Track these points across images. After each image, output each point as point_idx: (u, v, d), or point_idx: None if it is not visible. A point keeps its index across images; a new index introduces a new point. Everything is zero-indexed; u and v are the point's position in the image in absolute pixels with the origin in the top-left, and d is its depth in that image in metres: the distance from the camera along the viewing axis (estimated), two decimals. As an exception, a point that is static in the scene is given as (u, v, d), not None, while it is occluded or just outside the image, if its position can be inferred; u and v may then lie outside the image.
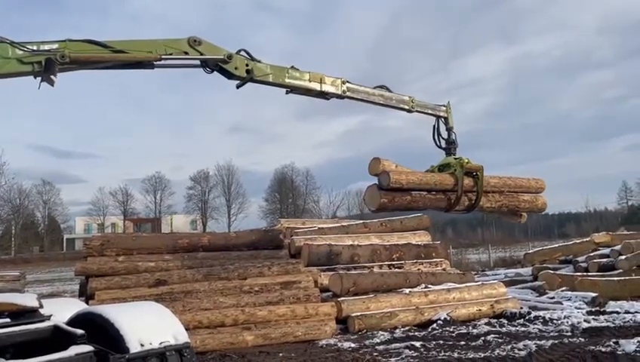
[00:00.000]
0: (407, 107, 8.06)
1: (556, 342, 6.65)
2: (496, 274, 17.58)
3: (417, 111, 8.20)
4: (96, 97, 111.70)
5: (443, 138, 8.52)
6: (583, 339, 6.86)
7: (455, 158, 8.19)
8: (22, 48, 5.02)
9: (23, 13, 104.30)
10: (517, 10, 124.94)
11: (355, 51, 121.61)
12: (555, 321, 8.28)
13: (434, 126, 8.55)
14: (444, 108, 8.53)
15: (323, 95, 7.28)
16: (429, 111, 8.45)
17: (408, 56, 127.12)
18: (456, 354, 6.36)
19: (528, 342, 6.67)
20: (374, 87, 7.92)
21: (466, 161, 8.09)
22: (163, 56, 5.84)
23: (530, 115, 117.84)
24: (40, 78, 5.18)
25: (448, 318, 8.66)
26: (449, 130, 8.51)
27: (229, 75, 6.41)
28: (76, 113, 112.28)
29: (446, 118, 8.50)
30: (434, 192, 8.03)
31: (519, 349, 6.39)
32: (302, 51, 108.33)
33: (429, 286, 9.92)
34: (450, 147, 8.44)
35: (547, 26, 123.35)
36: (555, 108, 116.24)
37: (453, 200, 8.04)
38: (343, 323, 8.61)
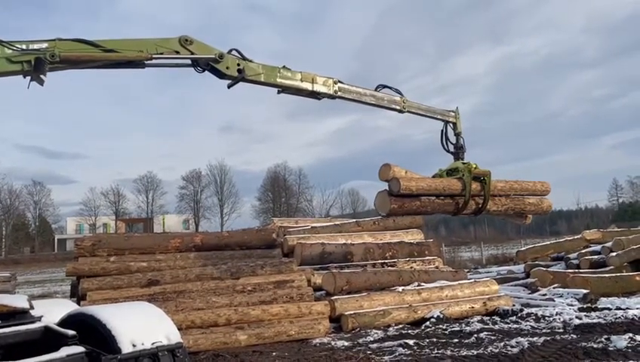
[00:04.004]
0: (398, 107, 8.09)
1: (548, 338, 6.69)
2: (488, 272, 17.72)
3: (409, 111, 8.23)
4: (87, 97, 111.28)
5: (451, 143, 8.62)
6: (574, 336, 6.90)
7: (463, 163, 8.31)
8: (11, 47, 4.97)
9: (11, 14, 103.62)
10: (505, 11, 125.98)
11: (345, 51, 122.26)
12: (547, 318, 8.32)
13: (442, 131, 8.65)
14: (453, 113, 8.62)
15: (315, 95, 7.26)
16: (438, 116, 8.54)
17: (398, 57, 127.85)
18: (449, 352, 6.38)
19: (521, 339, 6.70)
20: (378, 86, 7.96)
21: (474, 166, 8.22)
22: (154, 56, 5.79)
23: (520, 113, 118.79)
24: (29, 78, 5.13)
25: (441, 316, 8.69)
26: (457, 135, 8.62)
27: (221, 75, 6.38)
28: (66, 113, 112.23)
29: (454, 124, 8.60)
30: (442, 197, 8.18)
31: (512, 346, 6.41)
32: (291, 52, 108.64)
33: (422, 284, 9.94)
34: (458, 152, 8.57)
35: (535, 26, 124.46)
36: (544, 107, 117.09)
37: (461, 205, 8.19)
38: (337, 321, 8.62)
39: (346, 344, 7.33)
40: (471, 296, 9.78)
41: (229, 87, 6.55)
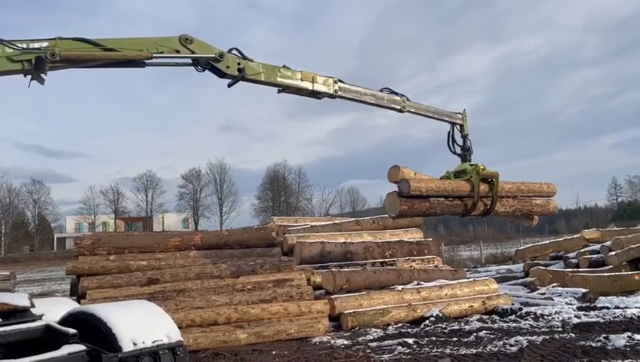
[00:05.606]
0: (398, 107, 8.10)
1: (547, 337, 6.71)
2: (487, 271, 17.71)
3: (409, 111, 8.24)
4: (87, 96, 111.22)
5: (458, 144, 8.64)
6: (573, 335, 6.93)
7: (471, 165, 8.32)
8: (11, 46, 4.97)
9: (10, 12, 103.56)
10: (504, 10, 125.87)
11: (344, 50, 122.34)
12: (546, 317, 8.34)
13: (449, 132, 8.68)
14: (460, 115, 8.63)
15: (315, 94, 7.27)
16: (445, 118, 8.58)
17: (397, 55, 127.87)
18: (448, 351, 6.40)
19: (520, 338, 6.72)
20: (383, 90, 7.98)
21: (482, 167, 8.24)
22: (154, 55, 5.80)
23: (519, 112, 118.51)
24: (30, 77, 5.14)
25: (440, 315, 8.70)
26: (464, 137, 8.65)
27: (221, 74, 6.39)
28: (66, 112, 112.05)
29: (462, 126, 8.62)
30: (451, 198, 8.20)
31: (511, 345, 6.44)
32: (290, 50, 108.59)
33: (422, 283, 9.96)
34: (465, 153, 8.58)
35: (534, 25, 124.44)
36: (543, 106, 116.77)
37: (470, 206, 8.21)
38: (336, 320, 8.63)
39: (346, 342, 7.35)
40: (470, 295, 9.79)
41: (229, 86, 6.57)
